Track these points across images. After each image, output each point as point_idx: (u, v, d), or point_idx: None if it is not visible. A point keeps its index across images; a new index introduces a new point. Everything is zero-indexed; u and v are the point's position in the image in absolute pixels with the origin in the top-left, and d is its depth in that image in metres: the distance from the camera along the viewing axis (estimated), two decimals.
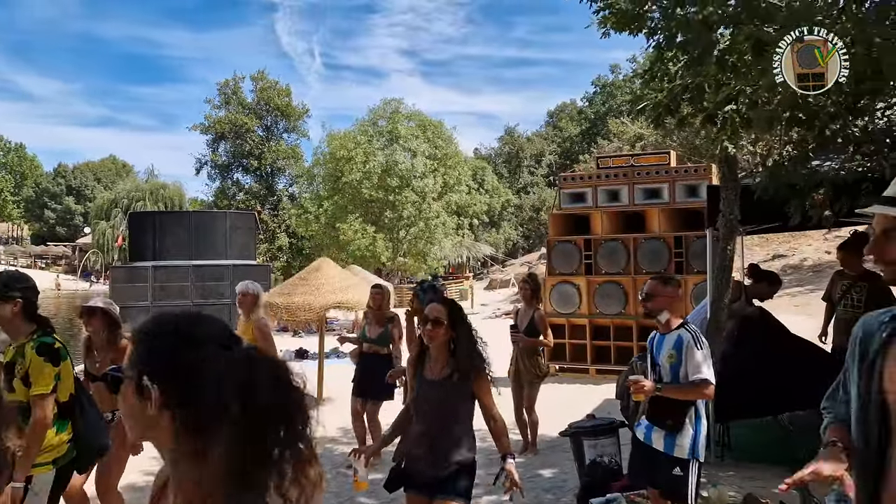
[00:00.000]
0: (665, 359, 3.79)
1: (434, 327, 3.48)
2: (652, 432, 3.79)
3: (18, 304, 3.33)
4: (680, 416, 3.71)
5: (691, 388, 3.68)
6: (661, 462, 3.74)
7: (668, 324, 3.85)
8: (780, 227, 6.68)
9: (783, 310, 16.47)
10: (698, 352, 3.68)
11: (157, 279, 12.17)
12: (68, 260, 62.59)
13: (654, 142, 24.30)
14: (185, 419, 1.19)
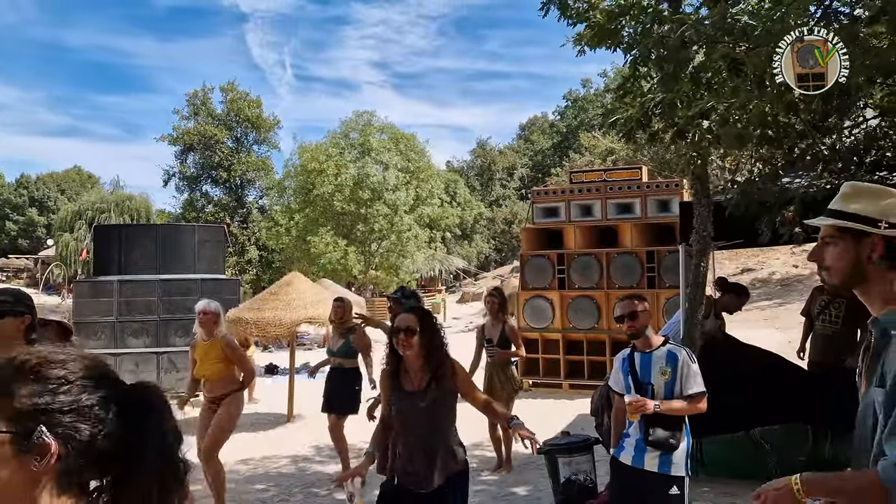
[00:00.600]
0: (657, 376, 3.71)
1: (407, 336, 3.45)
2: (644, 455, 3.66)
3: (27, 321, 3.24)
4: (679, 433, 3.68)
5: (691, 403, 3.66)
6: (657, 483, 3.64)
7: (650, 341, 3.79)
8: (750, 243, 6.75)
9: (753, 323, 16.69)
10: (694, 366, 3.69)
11: (122, 294, 11.86)
12: (30, 273, 61.20)
13: (625, 156, 24.56)
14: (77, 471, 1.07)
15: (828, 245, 1.86)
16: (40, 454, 1.04)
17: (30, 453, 1.04)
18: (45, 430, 1.04)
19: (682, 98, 4.15)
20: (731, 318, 17.98)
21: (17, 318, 3.20)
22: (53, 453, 1.04)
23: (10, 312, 3.19)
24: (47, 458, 1.04)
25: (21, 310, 3.23)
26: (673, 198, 11.12)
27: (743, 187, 5.19)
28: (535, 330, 11.50)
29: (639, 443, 3.70)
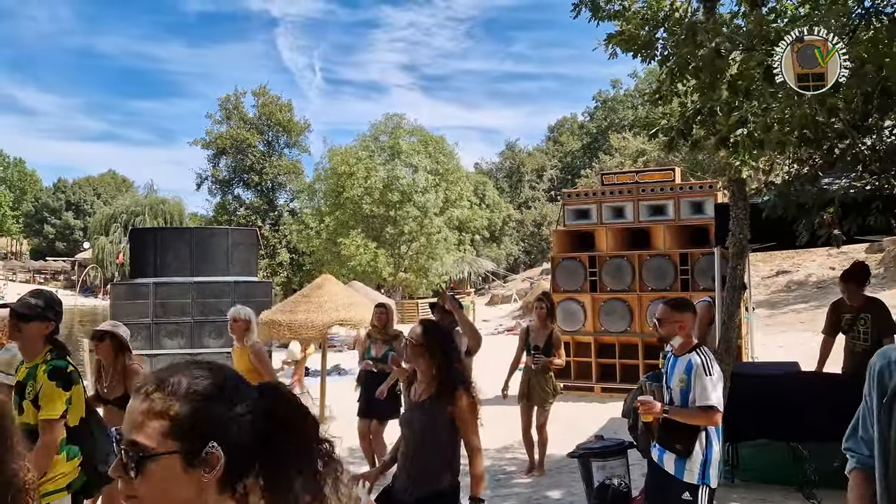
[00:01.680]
0: (676, 382, 3.76)
1: (412, 349, 3.50)
2: (664, 455, 3.75)
3: (50, 327, 3.33)
4: (689, 441, 3.66)
5: (697, 414, 3.64)
6: (672, 486, 3.68)
7: (682, 347, 3.81)
8: (787, 245, 6.64)
9: (789, 326, 16.43)
10: (707, 378, 3.63)
11: (158, 296, 12.07)
12: (67, 275, 62.48)
13: (656, 157, 24.33)
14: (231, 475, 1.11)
15: None
16: (210, 466, 1.09)
17: (199, 467, 1.09)
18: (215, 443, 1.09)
19: (721, 106, 4.11)
20: (767, 322, 17.73)
21: (43, 323, 3.30)
22: (222, 463, 1.09)
23: (39, 317, 3.29)
24: (216, 468, 1.09)
25: (49, 315, 3.32)
26: (707, 199, 10.99)
27: (780, 189, 5.11)
28: (567, 333, 11.42)
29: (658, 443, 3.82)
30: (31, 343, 3.32)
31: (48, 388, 3.19)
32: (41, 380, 3.21)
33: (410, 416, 3.57)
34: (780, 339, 14.82)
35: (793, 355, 10.93)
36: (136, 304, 11.93)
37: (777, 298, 20.11)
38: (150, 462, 1.08)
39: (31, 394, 3.22)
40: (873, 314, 6.27)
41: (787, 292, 20.53)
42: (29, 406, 3.23)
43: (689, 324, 3.85)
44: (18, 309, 3.28)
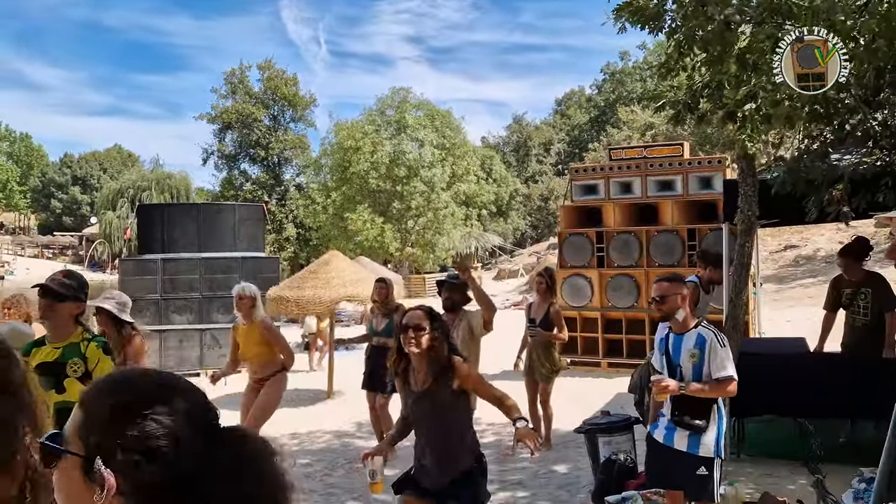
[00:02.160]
0: (686, 358, 3.74)
1: (416, 334, 3.40)
2: (675, 433, 3.74)
3: (81, 308, 3.38)
4: (707, 415, 3.69)
5: (717, 386, 3.66)
6: (685, 463, 3.69)
7: (684, 323, 3.81)
8: (795, 221, 6.61)
9: (797, 301, 16.40)
10: (722, 350, 3.67)
11: (166, 272, 12.13)
12: (75, 250, 62.83)
13: (665, 131, 24.16)
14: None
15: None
16: (101, 486, 0.95)
17: (94, 482, 0.96)
18: (100, 463, 0.95)
19: (729, 80, 4.07)
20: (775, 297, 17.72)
21: (75, 304, 3.34)
22: (111, 489, 0.94)
23: (73, 298, 3.32)
24: (105, 492, 0.95)
25: (81, 297, 3.37)
26: (715, 174, 10.92)
27: (790, 165, 5.08)
28: (574, 308, 11.45)
29: (669, 421, 3.78)
30: (63, 323, 3.35)
31: (105, 362, 3.27)
32: (96, 354, 3.27)
33: (419, 407, 3.52)
34: (787, 314, 14.81)
35: (800, 330, 10.92)
36: (145, 280, 12.00)
37: (785, 273, 20.07)
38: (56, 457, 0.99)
39: (79, 370, 3.25)
40: (874, 289, 6.26)
41: (794, 267, 20.48)
42: (74, 384, 3.24)
43: (689, 297, 3.85)
44: (56, 289, 3.29)
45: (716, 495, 3.68)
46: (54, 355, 3.32)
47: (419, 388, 3.51)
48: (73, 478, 0.97)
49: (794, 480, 5.47)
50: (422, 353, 3.43)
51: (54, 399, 3.25)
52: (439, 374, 3.43)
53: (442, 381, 3.43)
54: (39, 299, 3.36)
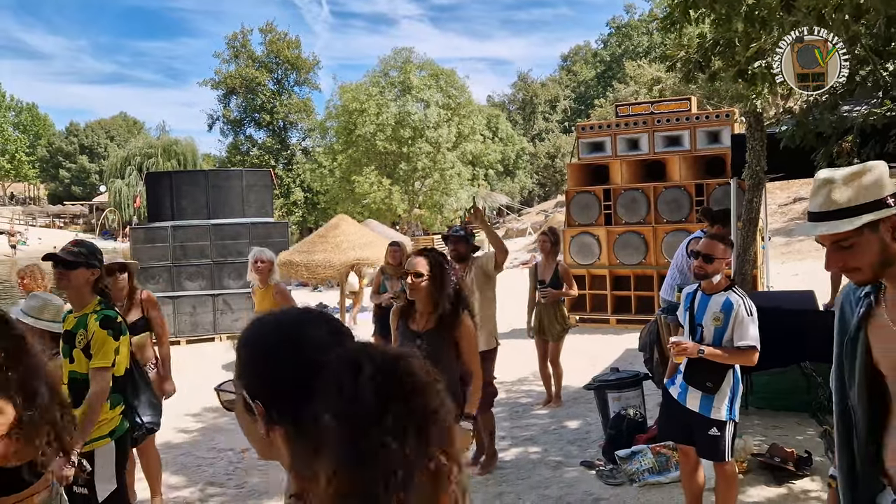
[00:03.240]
0: (710, 321, 3.68)
1: (415, 280, 3.51)
2: (687, 393, 3.71)
3: (96, 274, 3.37)
4: (720, 379, 3.64)
5: (738, 354, 3.60)
6: (697, 423, 3.69)
7: (717, 284, 3.73)
8: (804, 175, 6.57)
9: (805, 255, 16.37)
10: (748, 318, 3.59)
11: (176, 239, 12.20)
12: (86, 219, 63.09)
13: (672, 85, 23.84)
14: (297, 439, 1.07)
15: (845, 248, 1.74)
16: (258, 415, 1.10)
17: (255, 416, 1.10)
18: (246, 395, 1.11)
19: (739, 37, 4.02)
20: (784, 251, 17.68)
21: (89, 270, 3.34)
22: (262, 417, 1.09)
23: (85, 264, 3.32)
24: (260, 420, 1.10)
25: (94, 263, 3.36)
26: (723, 129, 10.83)
27: (798, 118, 5.03)
28: (582, 266, 11.49)
29: (683, 380, 3.74)
30: (79, 291, 3.35)
31: (100, 335, 3.26)
32: (92, 328, 3.27)
33: (410, 345, 3.56)
34: (796, 268, 14.81)
35: (808, 283, 10.93)
36: (156, 248, 12.07)
37: (793, 226, 19.97)
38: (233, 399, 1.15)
39: (82, 342, 3.28)
40: None
41: (803, 219, 20.35)
42: (80, 354, 3.29)
43: (727, 259, 3.81)
44: (64, 257, 3.29)
45: (727, 456, 3.68)
46: (71, 324, 3.37)
47: (419, 327, 3.61)
48: (243, 416, 1.13)
49: (802, 431, 5.54)
50: (422, 297, 3.55)
51: (67, 368, 3.32)
52: (440, 319, 3.53)
53: (441, 327, 3.53)
54: (53, 270, 3.38)
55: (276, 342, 1.12)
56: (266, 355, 1.12)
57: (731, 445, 3.70)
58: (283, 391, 1.08)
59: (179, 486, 5.36)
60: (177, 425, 6.74)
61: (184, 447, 6.29)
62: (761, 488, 4.51)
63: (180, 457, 6.00)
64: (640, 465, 4.82)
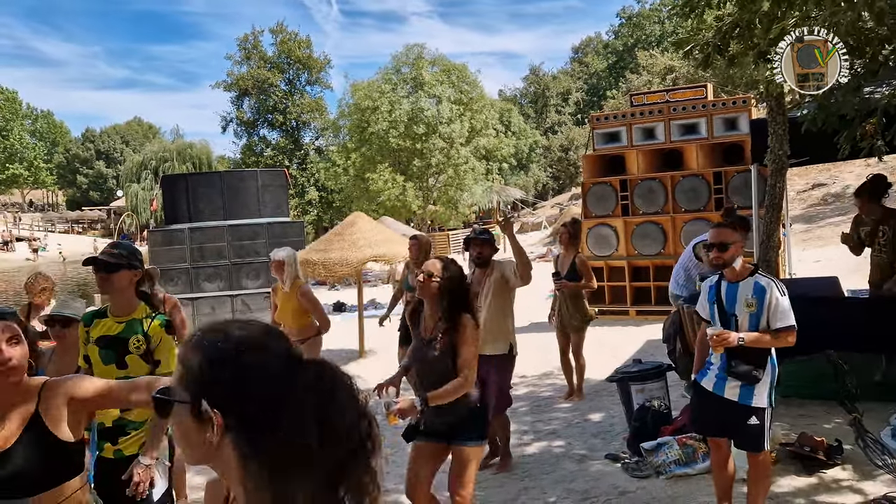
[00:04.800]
0: (743, 308, 3.59)
1: (425, 280, 3.51)
2: (725, 383, 3.62)
3: (138, 275, 3.34)
4: (762, 365, 3.57)
5: (779, 336, 3.52)
6: (736, 413, 3.60)
7: (740, 271, 3.65)
8: (826, 158, 6.46)
9: (826, 240, 16.15)
10: (783, 298, 3.51)
11: (194, 241, 12.25)
12: (104, 223, 63.67)
13: (686, 74, 23.61)
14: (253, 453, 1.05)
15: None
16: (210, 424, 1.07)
17: (204, 423, 1.07)
18: (206, 404, 1.06)
19: (760, 18, 3.93)
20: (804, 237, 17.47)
21: (131, 272, 3.30)
22: (219, 427, 1.06)
23: (127, 266, 3.28)
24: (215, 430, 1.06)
25: (135, 264, 3.32)
26: (741, 115, 10.70)
27: (820, 101, 4.92)
28: (600, 258, 11.40)
29: (721, 371, 3.64)
30: (123, 293, 3.30)
31: (167, 342, 3.26)
32: (158, 334, 3.25)
33: (422, 353, 3.59)
34: (817, 254, 14.62)
35: (830, 270, 10.77)
36: (174, 250, 12.12)
37: (813, 212, 19.74)
38: (175, 406, 1.11)
39: (141, 348, 3.23)
40: (892, 225, 6.09)
41: (823, 205, 20.12)
42: (137, 360, 3.24)
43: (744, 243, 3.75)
44: (107, 259, 3.25)
45: (766, 445, 3.61)
46: (116, 329, 3.28)
47: (428, 333, 3.60)
48: (186, 423, 1.10)
49: (830, 420, 5.45)
50: (430, 301, 3.55)
51: (115, 374, 3.19)
52: (446, 324, 3.52)
53: (447, 332, 3.52)
54: (95, 275, 3.30)
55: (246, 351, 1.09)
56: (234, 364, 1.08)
57: (769, 434, 3.63)
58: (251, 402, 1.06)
59: (202, 487, 5.36)
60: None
61: None
62: (791, 478, 4.43)
63: None
64: (667, 456, 4.76)
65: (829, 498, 4.15)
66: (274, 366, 1.09)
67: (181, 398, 1.10)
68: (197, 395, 1.08)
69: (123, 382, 2.52)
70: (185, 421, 1.09)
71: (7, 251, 48.77)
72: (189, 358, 1.11)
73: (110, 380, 2.54)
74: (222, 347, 1.10)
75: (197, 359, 1.10)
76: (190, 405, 1.08)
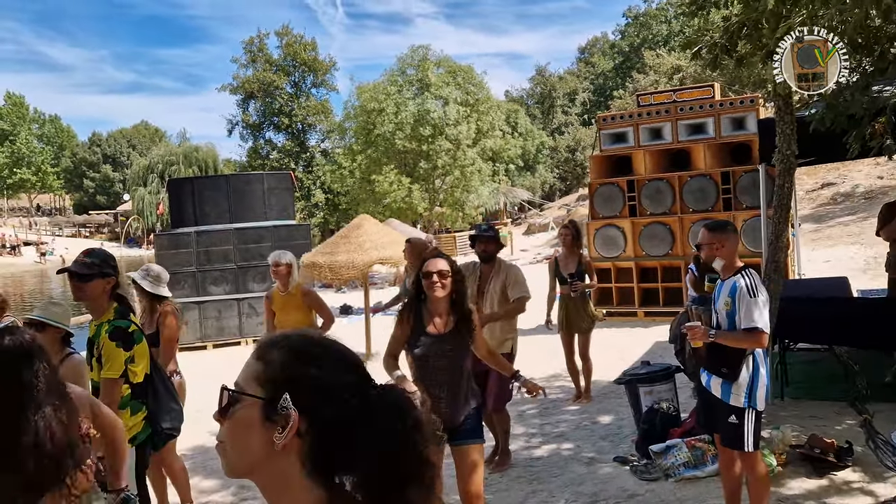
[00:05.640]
0: (722, 305, 3.70)
1: (441, 278, 3.54)
2: (711, 379, 3.73)
3: (112, 282, 3.37)
4: (735, 364, 3.60)
5: (743, 337, 3.57)
6: (720, 409, 3.68)
7: (726, 270, 3.74)
8: (835, 158, 6.42)
9: (836, 240, 16.08)
10: (751, 299, 3.55)
11: (200, 244, 12.26)
12: (111, 227, 63.91)
13: (693, 73, 23.54)
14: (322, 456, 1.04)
15: None
16: (282, 425, 1.04)
17: (275, 423, 1.04)
18: (289, 399, 1.04)
19: (767, 17, 3.90)
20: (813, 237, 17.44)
21: (104, 280, 3.33)
22: (293, 426, 1.04)
23: (99, 274, 3.31)
24: (287, 430, 1.04)
25: (108, 271, 3.35)
26: (748, 114, 10.65)
27: (829, 100, 4.89)
28: (607, 259, 11.37)
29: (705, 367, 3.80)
30: (96, 301, 3.36)
31: (108, 347, 3.28)
32: (102, 339, 3.29)
33: (438, 348, 3.61)
34: (826, 254, 14.54)
35: (839, 270, 10.73)
36: (180, 254, 12.15)
37: (822, 212, 19.65)
38: (238, 404, 1.07)
39: (97, 352, 3.33)
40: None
41: (832, 205, 20.02)
42: (95, 364, 3.35)
43: (729, 245, 3.74)
44: (77, 270, 3.30)
45: (747, 446, 3.58)
46: (91, 332, 3.42)
47: (440, 330, 3.62)
48: (251, 422, 1.06)
49: (841, 421, 5.40)
50: (446, 297, 3.58)
51: (89, 376, 3.40)
52: (461, 318, 3.62)
53: (462, 325, 3.62)
54: (70, 283, 3.38)
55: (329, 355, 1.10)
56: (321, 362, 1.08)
57: (754, 435, 3.60)
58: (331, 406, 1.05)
59: (211, 491, 5.36)
60: (208, 429, 6.75)
61: (212, 452, 6.29)
62: (802, 480, 4.39)
63: (210, 461, 6.00)
64: (676, 459, 4.72)
65: (840, 500, 4.11)
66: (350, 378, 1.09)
67: (250, 392, 1.07)
68: (277, 391, 1.05)
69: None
70: (249, 420, 1.06)
71: (15, 255, 49.02)
72: (269, 353, 1.09)
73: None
74: (309, 344, 1.11)
75: (280, 354, 1.09)
76: (264, 401, 1.05)
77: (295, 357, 1.08)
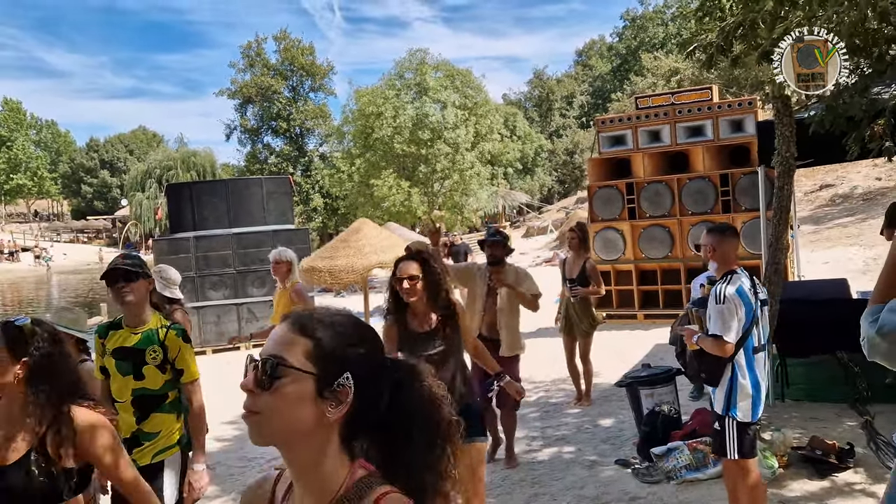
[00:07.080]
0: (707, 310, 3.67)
1: (411, 283, 3.52)
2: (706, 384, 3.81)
3: (152, 285, 3.36)
4: (714, 370, 3.57)
5: (710, 343, 3.53)
6: (712, 413, 3.69)
7: (718, 272, 3.71)
8: (835, 160, 6.42)
9: (835, 241, 16.09)
10: (716, 305, 3.50)
11: (199, 249, 12.26)
12: (109, 233, 63.83)
13: (690, 76, 23.58)
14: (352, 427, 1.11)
15: None
16: (338, 400, 1.08)
17: (328, 399, 1.08)
18: (349, 376, 1.08)
19: (764, 18, 3.91)
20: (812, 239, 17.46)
21: (146, 281, 3.29)
22: (349, 402, 1.08)
23: (143, 275, 3.27)
24: (343, 405, 1.08)
25: (148, 273, 3.33)
26: (747, 116, 10.66)
27: (828, 102, 4.89)
28: (607, 262, 11.36)
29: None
30: (141, 304, 3.28)
31: (185, 350, 3.27)
32: (176, 343, 3.25)
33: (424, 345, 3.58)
34: (825, 256, 14.55)
35: (838, 271, 10.73)
36: (179, 259, 12.12)
37: (821, 213, 19.66)
38: (286, 377, 1.08)
39: (158, 358, 3.23)
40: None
41: (831, 206, 20.04)
42: (153, 371, 3.23)
43: (723, 249, 3.69)
44: (130, 268, 3.22)
45: (730, 453, 3.52)
46: (133, 340, 3.25)
47: (424, 328, 3.62)
48: (303, 396, 1.08)
49: (842, 423, 5.40)
50: (420, 300, 3.57)
51: (132, 385, 3.22)
52: (445, 314, 3.62)
53: (450, 321, 3.63)
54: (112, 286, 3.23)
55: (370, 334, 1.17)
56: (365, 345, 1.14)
57: (738, 444, 3.50)
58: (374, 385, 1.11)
59: (212, 497, 5.34)
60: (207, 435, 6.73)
61: (215, 457, 6.28)
62: (803, 482, 4.39)
63: (210, 462, 5.99)
64: (677, 461, 4.72)
65: (841, 502, 4.11)
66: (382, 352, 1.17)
67: (306, 369, 1.08)
68: (331, 368, 1.08)
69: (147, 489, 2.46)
70: (301, 394, 1.08)
71: (13, 261, 48.99)
72: (315, 329, 1.11)
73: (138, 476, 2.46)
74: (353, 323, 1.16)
75: (328, 332, 1.11)
76: (317, 377, 1.08)
77: (343, 336, 1.12)
